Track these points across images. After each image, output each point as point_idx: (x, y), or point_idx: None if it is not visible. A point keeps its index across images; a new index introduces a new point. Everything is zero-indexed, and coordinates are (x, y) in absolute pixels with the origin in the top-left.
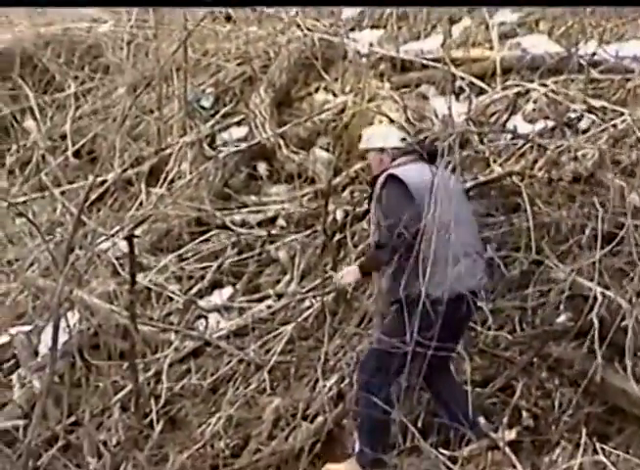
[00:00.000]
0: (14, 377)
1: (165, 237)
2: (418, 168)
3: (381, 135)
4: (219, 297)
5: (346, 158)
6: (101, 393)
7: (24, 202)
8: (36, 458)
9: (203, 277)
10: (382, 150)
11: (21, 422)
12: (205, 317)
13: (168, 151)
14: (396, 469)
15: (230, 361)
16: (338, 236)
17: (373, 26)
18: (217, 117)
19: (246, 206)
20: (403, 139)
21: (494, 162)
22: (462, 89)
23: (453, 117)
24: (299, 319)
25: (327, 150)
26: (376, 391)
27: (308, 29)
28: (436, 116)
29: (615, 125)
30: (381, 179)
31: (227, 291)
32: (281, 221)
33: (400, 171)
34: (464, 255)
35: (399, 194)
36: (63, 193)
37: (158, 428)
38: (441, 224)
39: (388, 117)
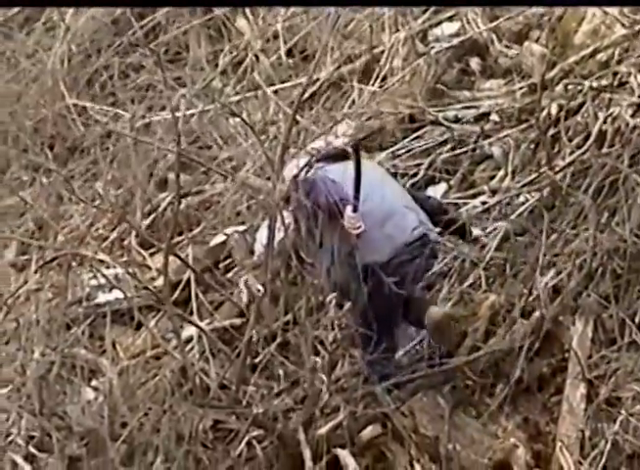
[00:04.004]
0: (230, 276)
1: (379, 134)
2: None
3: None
4: (433, 193)
5: (560, 51)
6: (316, 290)
7: (238, 101)
8: (254, 356)
9: (415, 174)
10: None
11: (238, 321)
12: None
13: (380, 48)
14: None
15: (445, 258)
16: (552, 131)
17: None
18: (429, 12)
19: (459, 101)
20: None
21: None
22: None
23: None
24: (514, 215)
25: (541, 44)
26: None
27: None
28: None
29: None
30: None
31: (441, 187)
32: (494, 117)
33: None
34: (391, 214)
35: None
36: (275, 92)
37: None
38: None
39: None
